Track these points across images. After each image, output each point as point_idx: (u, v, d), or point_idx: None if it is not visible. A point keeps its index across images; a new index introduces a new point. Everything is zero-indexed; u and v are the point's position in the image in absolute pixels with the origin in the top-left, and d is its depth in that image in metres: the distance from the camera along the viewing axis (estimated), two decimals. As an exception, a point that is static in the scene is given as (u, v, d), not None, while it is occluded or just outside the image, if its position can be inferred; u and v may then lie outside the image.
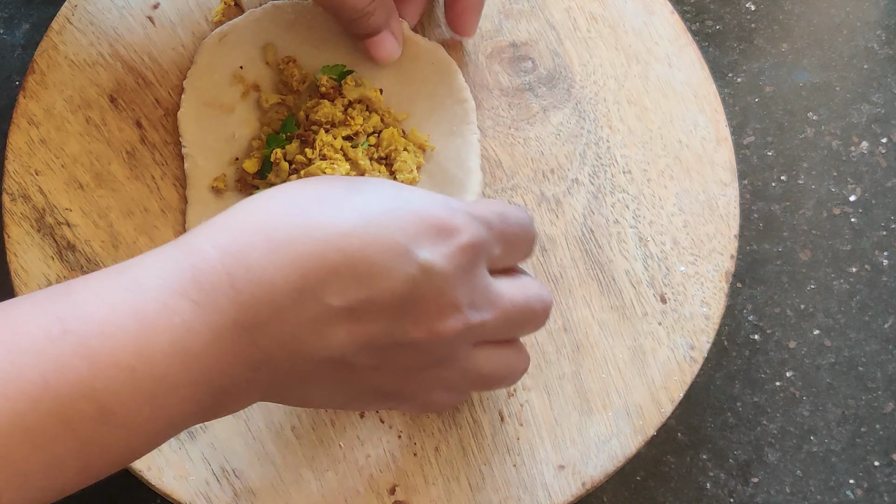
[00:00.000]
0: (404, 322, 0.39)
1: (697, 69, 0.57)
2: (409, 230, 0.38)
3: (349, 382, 0.40)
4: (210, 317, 0.36)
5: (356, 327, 0.38)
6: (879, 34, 0.64)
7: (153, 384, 0.36)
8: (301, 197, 0.39)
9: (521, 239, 0.44)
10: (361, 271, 0.37)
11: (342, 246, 0.37)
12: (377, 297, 0.38)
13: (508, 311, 0.42)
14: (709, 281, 0.54)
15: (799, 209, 0.61)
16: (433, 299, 0.39)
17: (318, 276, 0.37)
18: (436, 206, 0.40)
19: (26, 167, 0.53)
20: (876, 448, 0.57)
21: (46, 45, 0.55)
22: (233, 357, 0.37)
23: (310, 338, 0.38)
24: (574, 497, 0.51)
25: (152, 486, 0.50)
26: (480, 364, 0.43)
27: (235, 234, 0.38)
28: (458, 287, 0.39)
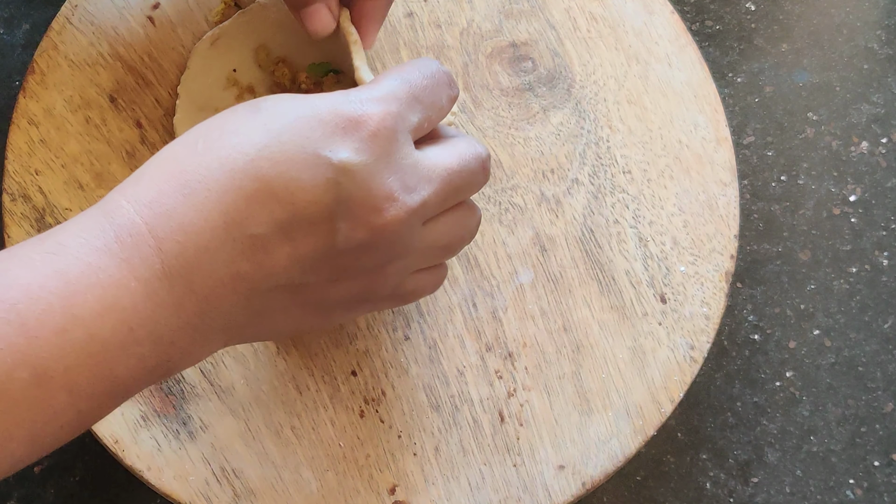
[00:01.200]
0: (341, 227, 0.38)
1: (697, 69, 0.57)
2: (315, 135, 0.37)
3: (313, 303, 0.40)
4: (136, 270, 0.36)
5: (293, 248, 0.37)
6: (879, 34, 0.64)
7: (87, 344, 0.35)
8: (206, 133, 0.38)
9: (434, 91, 0.42)
10: (279, 191, 0.36)
11: (253, 171, 0.36)
12: (304, 212, 0.37)
13: (446, 179, 0.41)
14: (709, 281, 0.54)
15: (799, 209, 0.61)
16: (362, 196, 0.38)
17: (238, 207, 0.36)
18: (335, 103, 0.38)
19: (26, 167, 0.53)
20: (876, 448, 0.57)
21: (46, 45, 0.55)
22: (170, 307, 0.36)
23: (249, 271, 0.37)
24: (574, 497, 0.51)
25: (152, 486, 0.50)
26: (438, 237, 0.42)
27: (148, 183, 0.37)
28: (385, 175, 0.38)
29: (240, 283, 0.37)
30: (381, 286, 0.41)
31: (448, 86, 0.43)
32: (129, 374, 0.36)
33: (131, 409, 0.51)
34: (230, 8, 0.56)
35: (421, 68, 0.42)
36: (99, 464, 0.54)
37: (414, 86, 0.41)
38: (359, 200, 0.38)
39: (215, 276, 0.37)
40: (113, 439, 0.50)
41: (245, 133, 0.37)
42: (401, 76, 0.41)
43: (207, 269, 0.37)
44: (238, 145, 0.37)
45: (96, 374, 0.35)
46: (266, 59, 0.54)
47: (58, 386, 0.35)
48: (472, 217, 0.44)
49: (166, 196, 0.36)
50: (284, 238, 0.37)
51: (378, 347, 0.52)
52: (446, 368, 0.52)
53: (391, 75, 0.41)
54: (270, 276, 0.38)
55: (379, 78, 0.41)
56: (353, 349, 0.52)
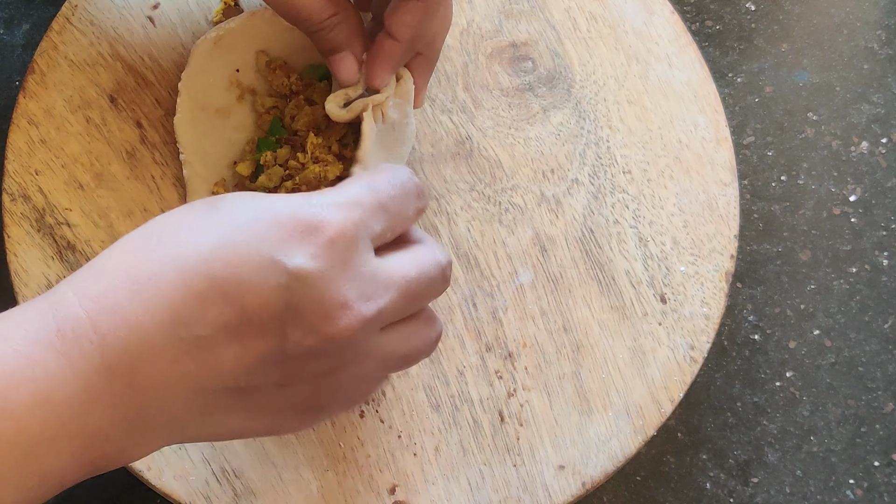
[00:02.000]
0: (292, 333, 0.37)
1: (697, 69, 0.57)
2: (271, 238, 0.36)
3: (260, 407, 0.39)
4: (75, 365, 0.35)
5: (241, 350, 0.36)
6: (879, 34, 0.64)
7: (15, 436, 0.34)
8: (161, 228, 0.38)
9: (401, 202, 0.41)
10: (230, 292, 0.36)
11: (205, 270, 0.36)
12: (253, 315, 0.36)
13: (404, 288, 0.40)
14: (709, 281, 0.54)
15: (799, 209, 0.61)
16: (314, 304, 0.37)
17: (187, 306, 0.36)
18: (295, 207, 0.38)
19: (26, 167, 0.53)
20: (876, 448, 0.57)
21: (46, 45, 0.55)
22: (107, 402, 0.36)
23: (194, 370, 0.36)
24: (574, 497, 0.51)
25: (152, 486, 0.50)
26: (393, 347, 0.41)
27: (97, 277, 0.36)
28: (340, 282, 0.37)
29: (184, 381, 0.36)
30: (328, 394, 0.40)
31: (416, 197, 0.42)
32: (60, 470, 0.36)
33: (131, 409, 0.51)
34: (230, 7, 0.56)
35: (391, 178, 0.41)
36: (99, 464, 0.54)
37: (380, 194, 0.40)
38: (310, 307, 0.37)
39: (158, 373, 0.36)
40: (113, 439, 0.50)
41: (200, 230, 0.37)
42: (368, 183, 0.40)
43: (150, 367, 0.36)
44: (191, 242, 0.36)
45: (24, 469, 0.35)
46: (265, 66, 0.53)
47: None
48: (432, 328, 0.43)
49: (113, 291, 0.36)
50: (232, 340, 0.36)
51: (378, 347, 0.52)
52: (446, 368, 0.52)
53: (358, 181, 0.40)
54: (216, 377, 0.37)
55: (346, 182, 0.40)
56: (353, 349, 0.52)
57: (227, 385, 0.37)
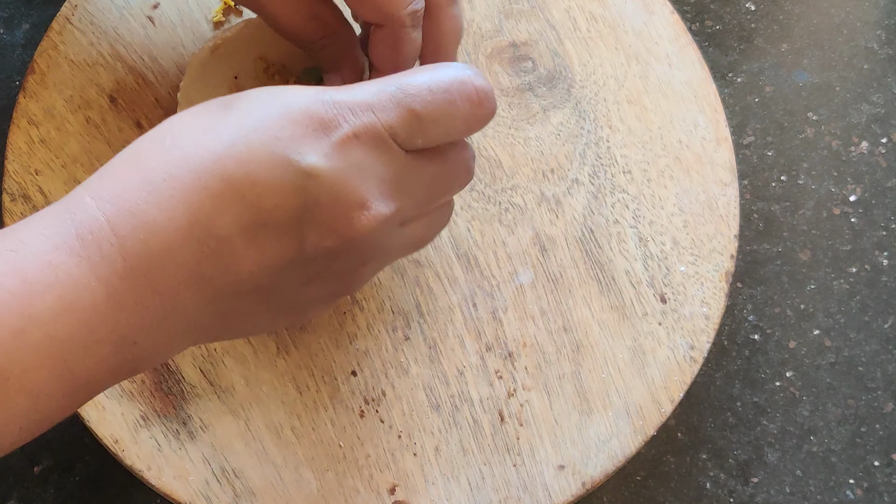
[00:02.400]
0: (309, 234, 0.36)
1: (697, 69, 0.57)
2: (284, 136, 0.35)
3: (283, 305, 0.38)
4: (98, 269, 0.35)
5: (260, 253, 0.36)
6: (879, 34, 0.64)
7: (45, 344, 0.34)
8: (175, 128, 0.37)
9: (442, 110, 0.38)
10: (246, 193, 0.35)
11: (220, 170, 0.35)
12: (270, 217, 0.35)
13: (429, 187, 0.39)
14: (709, 281, 0.54)
15: (799, 209, 0.61)
16: (331, 203, 0.36)
17: (203, 207, 0.35)
18: (309, 102, 0.36)
19: (26, 167, 0.53)
20: (876, 448, 0.57)
21: (46, 45, 0.55)
22: (132, 307, 0.35)
23: (214, 274, 0.36)
24: (574, 497, 0.51)
25: (152, 486, 0.50)
26: (412, 237, 0.40)
27: (113, 179, 0.36)
28: (356, 182, 0.36)
29: (205, 285, 0.36)
30: (356, 284, 0.40)
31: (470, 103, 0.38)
32: (91, 375, 0.35)
33: (131, 409, 0.51)
34: (230, 8, 0.56)
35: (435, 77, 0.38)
36: (99, 464, 0.54)
37: (411, 97, 0.37)
38: (327, 207, 0.36)
39: (179, 276, 0.35)
40: (113, 439, 0.50)
41: (214, 130, 0.36)
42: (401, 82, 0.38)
43: (171, 270, 0.35)
44: (206, 143, 0.36)
45: (56, 375, 0.34)
46: (264, 71, 0.53)
47: (15, 387, 0.34)
48: (449, 211, 0.43)
49: (130, 193, 0.35)
50: (250, 243, 0.36)
51: (378, 347, 0.52)
52: (446, 368, 0.52)
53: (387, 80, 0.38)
54: (237, 280, 0.36)
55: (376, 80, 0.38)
56: (353, 349, 0.52)
57: (246, 288, 0.36)
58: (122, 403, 0.51)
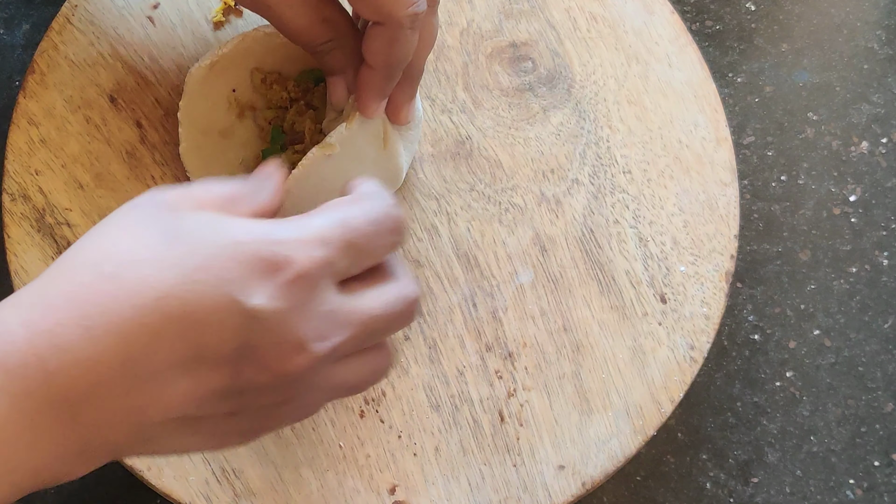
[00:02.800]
0: (245, 370, 0.37)
1: (697, 69, 0.57)
2: (230, 276, 0.35)
3: (207, 432, 0.39)
4: (20, 402, 0.34)
5: (192, 385, 0.36)
6: (879, 34, 0.64)
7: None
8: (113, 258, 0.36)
9: (373, 239, 0.39)
10: (186, 329, 0.35)
11: (162, 308, 0.35)
12: (209, 353, 0.36)
13: (365, 324, 0.39)
14: (709, 281, 0.54)
15: (799, 209, 0.61)
16: (270, 344, 0.36)
17: (140, 343, 0.35)
18: (258, 242, 0.36)
19: (26, 167, 0.53)
20: (876, 448, 0.57)
21: (46, 45, 0.55)
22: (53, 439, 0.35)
23: (142, 404, 0.36)
24: (574, 497, 0.51)
25: (152, 486, 0.50)
26: (343, 378, 0.41)
27: (45, 308, 0.35)
28: (297, 323, 0.37)
29: (131, 414, 0.36)
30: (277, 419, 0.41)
31: (391, 233, 0.40)
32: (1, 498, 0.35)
33: (131, 409, 0.51)
34: (230, 8, 0.56)
35: (367, 211, 0.39)
36: (99, 464, 0.54)
37: (353, 231, 0.38)
38: (266, 347, 0.36)
39: (106, 408, 0.35)
40: (113, 439, 0.50)
41: (157, 265, 0.36)
42: (342, 218, 0.39)
43: (98, 403, 0.35)
44: (148, 279, 0.35)
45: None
46: (262, 82, 0.53)
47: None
48: (386, 360, 0.42)
49: (64, 327, 0.35)
50: (184, 375, 0.36)
51: (378, 347, 0.52)
52: (446, 368, 0.52)
53: (331, 212, 0.39)
54: (164, 409, 0.36)
55: (318, 212, 0.39)
56: (353, 349, 0.52)
57: (172, 416, 0.37)
58: (122, 403, 0.51)
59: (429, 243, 0.54)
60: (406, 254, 0.53)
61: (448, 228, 0.54)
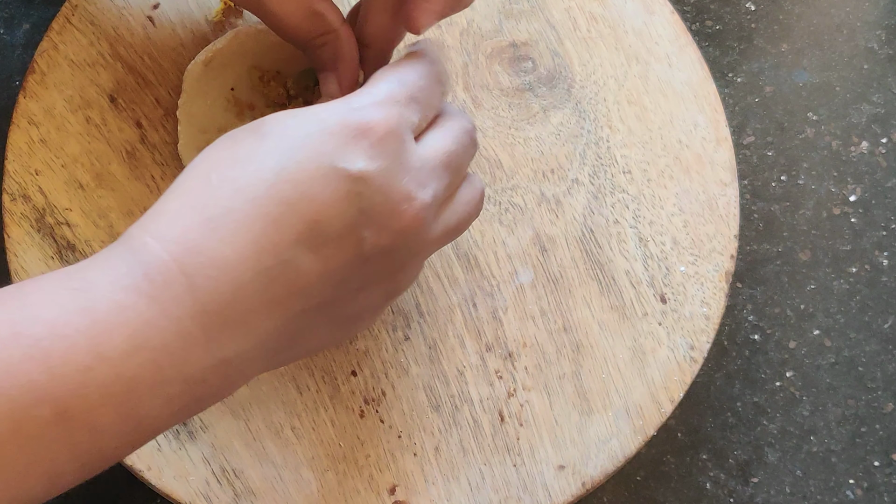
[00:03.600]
0: (368, 235, 0.38)
1: (697, 69, 0.57)
2: (327, 149, 0.37)
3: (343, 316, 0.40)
4: (168, 309, 0.35)
5: (324, 264, 0.37)
6: (879, 34, 0.64)
7: (112, 383, 0.34)
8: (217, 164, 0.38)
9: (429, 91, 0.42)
10: (304, 211, 0.36)
11: (276, 195, 0.36)
12: (330, 228, 0.37)
13: (448, 164, 0.41)
14: (709, 281, 0.54)
15: (799, 209, 0.61)
16: (383, 202, 0.38)
17: (266, 234, 0.36)
18: (340, 112, 0.38)
19: (26, 167, 0.53)
20: (876, 448, 0.57)
21: (46, 45, 0.55)
22: (203, 345, 0.36)
23: (283, 295, 0.37)
24: (574, 497, 0.51)
25: (152, 486, 0.50)
26: (448, 223, 0.42)
27: (170, 220, 0.37)
28: (399, 176, 0.39)
29: (274, 309, 0.37)
30: (405, 281, 0.42)
31: (440, 83, 0.43)
32: (156, 414, 0.36)
33: (131, 409, 0.51)
34: (230, 8, 0.56)
35: (416, 68, 0.42)
36: (99, 464, 0.54)
37: (410, 86, 0.41)
38: (380, 206, 0.38)
39: (250, 306, 0.36)
40: (113, 439, 0.50)
41: (258, 159, 0.37)
42: (397, 77, 0.41)
43: (242, 301, 0.36)
44: (254, 172, 0.37)
45: (121, 414, 0.35)
46: (260, 79, 0.53)
47: (79, 424, 0.34)
48: (476, 191, 0.44)
49: (192, 231, 0.36)
50: (315, 257, 0.37)
51: (378, 347, 0.52)
52: (446, 368, 0.52)
53: (387, 77, 0.41)
54: (303, 296, 0.37)
55: (375, 80, 0.41)
56: (353, 349, 0.52)
57: (312, 303, 0.38)
58: (122, 403, 0.51)
59: (429, 243, 0.54)
60: (406, 254, 0.54)
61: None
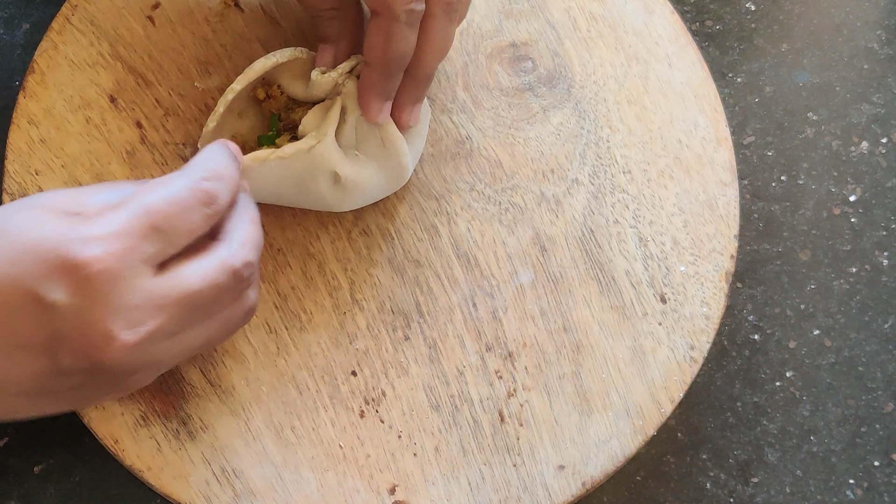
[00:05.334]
0: (63, 358, 0.39)
1: (697, 69, 0.57)
2: (33, 272, 0.38)
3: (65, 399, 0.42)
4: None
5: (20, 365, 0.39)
6: (879, 34, 0.64)
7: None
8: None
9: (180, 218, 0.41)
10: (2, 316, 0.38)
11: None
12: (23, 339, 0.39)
13: (184, 303, 0.40)
14: (709, 281, 0.54)
15: (799, 209, 0.61)
16: (78, 336, 0.39)
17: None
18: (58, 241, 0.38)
19: (26, 167, 0.53)
20: (876, 448, 0.57)
21: (46, 45, 0.55)
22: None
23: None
24: (574, 497, 0.51)
25: (152, 486, 0.50)
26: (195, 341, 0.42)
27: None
28: (101, 315, 0.39)
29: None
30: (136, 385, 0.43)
31: (204, 206, 0.41)
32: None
33: (131, 409, 0.51)
34: (230, 8, 0.56)
35: (170, 191, 0.41)
36: (99, 464, 0.54)
37: (154, 215, 0.40)
38: (75, 338, 0.39)
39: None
40: (113, 439, 0.50)
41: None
42: (143, 203, 0.40)
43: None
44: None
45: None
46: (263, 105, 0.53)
47: None
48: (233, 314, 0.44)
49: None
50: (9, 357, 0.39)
51: (378, 347, 0.52)
52: (446, 368, 0.52)
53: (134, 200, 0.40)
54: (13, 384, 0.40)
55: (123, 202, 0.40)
56: (353, 349, 0.52)
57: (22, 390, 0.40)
58: (122, 403, 0.51)
59: (429, 243, 0.54)
60: (406, 254, 0.54)
61: (448, 228, 0.54)
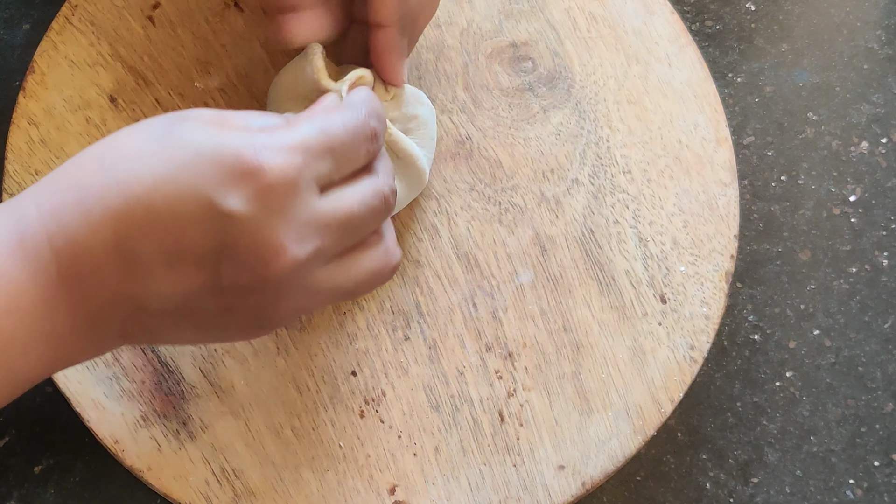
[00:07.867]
0: (225, 270, 0.38)
1: (697, 69, 0.57)
2: (211, 178, 0.37)
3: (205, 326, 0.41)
4: (37, 276, 0.38)
5: (177, 280, 0.38)
6: (879, 34, 0.64)
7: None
8: (113, 150, 0.39)
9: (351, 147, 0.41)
10: (169, 226, 0.37)
11: (147, 201, 0.37)
12: (189, 249, 0.38)
13: (344, 224, 0.41)
14: (709, 281, 0.54)
15: (799, 209, 0.61)
16: (248, 246, 0.38)
17: (129, 232, 0.37)
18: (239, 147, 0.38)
19: (26, 167, 0.53)
20: (876, 448, 0.57)
21: (46, 45, 0.55)
22: (66, 312, 0.38)
23: (136, 293, 0.38)
24: (574, 497, 0.51)
25: (152, 486, 0.50)
26: (338, 280, 0.42)
27: (53, 192, 0.38)
28: (275, 227, 0.38)
29: (128, 302, 0.39)
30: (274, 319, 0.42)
31: (369, 141, 0.42)
32: (29, 369, 0.39)
33: (131, 409, 0.51)
34: (230, 8, 0.56)
35: (346, 118, 0.41)
36: (99, 464, 0.54)
37: (331, 138, 0.40)
38: (244, 249, 0.38)
39: (105, 292, 0.38)
40: (113, 439, 0.50)
41: (148, 161, 0.38)
42: (321, 124, 0.40)
43: (98, 286, 0.38)
44: (138, 172, 0.38)
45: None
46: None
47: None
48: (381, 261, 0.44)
49: (66, 208, 0.38)
50: (169, 269, 0.38)
51: (378, 347, 0.52)
52: (446, 368, 0.52)
53: (312, 120, 0.40)
54: (156, 300, 0.39)
55: (299, 118, 0.41)
56: (353, 349, 0.52)
57: (166, 307, 0.39)
58: (122, 403, 0.51)
59: (429, 243, 0.54)
60: (406, 254, 0.54)
61: (448, 228, 0.54)
